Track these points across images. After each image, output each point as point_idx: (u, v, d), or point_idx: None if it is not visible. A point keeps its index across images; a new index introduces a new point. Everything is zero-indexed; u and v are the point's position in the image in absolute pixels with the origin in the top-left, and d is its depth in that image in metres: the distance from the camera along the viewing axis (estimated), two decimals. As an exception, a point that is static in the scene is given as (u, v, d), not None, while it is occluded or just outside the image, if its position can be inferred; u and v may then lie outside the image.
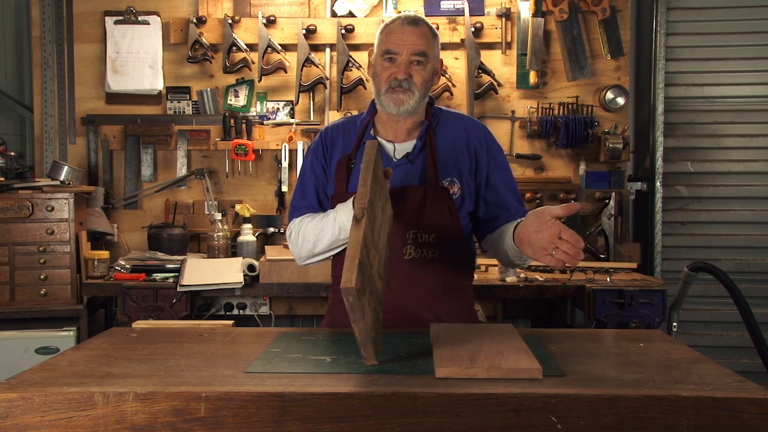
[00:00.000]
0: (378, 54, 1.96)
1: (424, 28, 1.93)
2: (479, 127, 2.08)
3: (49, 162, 3.49)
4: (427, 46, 1.93)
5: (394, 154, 2.01)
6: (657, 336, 1.85)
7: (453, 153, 2.00)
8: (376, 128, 2.05)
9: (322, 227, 1.95)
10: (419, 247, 1.95)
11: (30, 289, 3.08)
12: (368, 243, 1.51)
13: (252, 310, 3.49)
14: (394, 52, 1.91)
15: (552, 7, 3.57)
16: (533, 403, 1.27)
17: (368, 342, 1.44)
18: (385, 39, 1.94)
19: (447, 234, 1.97)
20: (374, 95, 2.01)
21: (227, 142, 3.61)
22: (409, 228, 1.94)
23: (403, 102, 1.92)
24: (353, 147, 2.02)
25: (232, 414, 1.28)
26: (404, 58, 1.91)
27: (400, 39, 1.91)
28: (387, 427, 1.27)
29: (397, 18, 1.96)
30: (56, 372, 1.45)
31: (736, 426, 1.26)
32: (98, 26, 3.69)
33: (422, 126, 2.01)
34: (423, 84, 1.93)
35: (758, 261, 3.74)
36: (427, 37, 1.93)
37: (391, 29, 1.94)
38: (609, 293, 2.90)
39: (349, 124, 2.11)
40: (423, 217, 1.94)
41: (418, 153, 1.99)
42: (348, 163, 2.00)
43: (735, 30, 3.72)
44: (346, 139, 2.06)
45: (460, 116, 2.11)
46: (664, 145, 3.67)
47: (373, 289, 1.52)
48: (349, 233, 1.48)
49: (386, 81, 1.93)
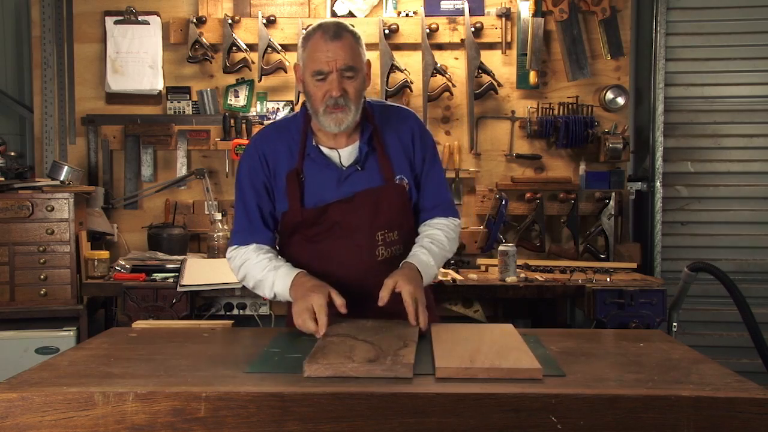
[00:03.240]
0: (307, 74, 1.91)
1: (347, 38, 1.88)
2: (411, 118, 2.09)
3: (49, 162, 3.49)
4: (355, 58, 1.88)
5: (340, 161, 1.98)
6: (657, 336, 1.85)
7: (397, 150, 2.02)
8: (315, 135, 2.00)
9: (261, 280, 1.94)
10: (388, 246, 1.99)
11: (30, 289, 3.08)
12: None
13: (252, 310, 3.48)
14: (324, 71, 1.86)
15: (552, 7, 3.57)
16: (533, 403, 1.27)
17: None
18: (311, 57, 1.88)
19: (405, 229, 2.03)
20: (311, 112, 1.96)
21: (227, 142, 3.61)
22: (377, 229, 1.97)
23: (342, 120, 1.89)
24: (298, 160, 1.98)
25: (232, 414, 1.28)
26: (335, 76, 1.86)
27: (326, 57, 1.85)
28: (387, 427, 1.27)
29: (317, 30, 1.89)
30: (56, 372, 1.45)
31: (736, 426, 1.26)
32: (98, 26, 3.69)
33: (364, 129, 1.99)
34: (357, 95, 1.91)
35: (758, 261, 3.74)
36: (352, 48, 1.88)
37: (315, 47, 1.87)
38: (609, 293, 2.90)
39: (282, 131, 2.04)
40: (386, 216, 1.98)
41: (366, 158, 1.99)
42: (298, 178, 1.97)
43: (735, 30, 3.72)
44: (285, 150, 2.00)
45: (393, 109, 2.10)
46: (664, 145, 3.67)
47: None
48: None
49: (322, 101, 1.89)
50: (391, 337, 1.61)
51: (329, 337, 1.64)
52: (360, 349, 1.50)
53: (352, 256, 1.96)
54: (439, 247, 1.99)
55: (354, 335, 1.64)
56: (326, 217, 1.96)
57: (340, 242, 1.96)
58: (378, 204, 1.96)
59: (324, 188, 1.96)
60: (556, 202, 3.60)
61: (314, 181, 1.97)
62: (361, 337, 1.62)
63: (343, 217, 1.95)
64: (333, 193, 1.96)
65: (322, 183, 1.96)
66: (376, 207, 1.96)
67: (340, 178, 1.96)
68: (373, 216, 1.96)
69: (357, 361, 1.42)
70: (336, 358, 1.44)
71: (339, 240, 1.96)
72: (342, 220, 1.96)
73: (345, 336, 1.63)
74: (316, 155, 1.97)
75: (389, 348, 1.51)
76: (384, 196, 1.97)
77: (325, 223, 1.96)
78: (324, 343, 1.58)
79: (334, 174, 1.96)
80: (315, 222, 1.96)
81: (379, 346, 1.53)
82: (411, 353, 1.48)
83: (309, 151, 1.97)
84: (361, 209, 1.95)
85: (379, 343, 1.55)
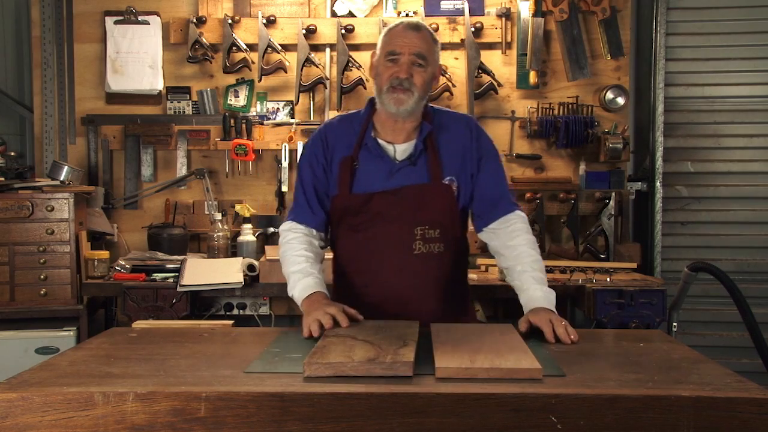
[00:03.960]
0: (381, 55, 2.04)
1: (425, 33, 2.02)
2: (469, 122, 2.17)
3: (49, 162, 3.49)
4: (428, 50, 2.01)
5: (395, 155, 2.07)
6: (657, 336, 1.86)
7: (451, 153, 2.08)
8: (375, 128, 2.10)
9: (288, 275, 2.02)
10: (426, 243, 2.05)
11: (30, 289, 3.08)
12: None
13: (252, 310, 3.48)
14: (397, 52, 1.99)
15: (552, 7, 3.57)
16: (533, 403, 1.27)
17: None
18: (388, 41, 2.02)
19: (449, 229, 2.08)
20: (375, 94, 2.07)
21: (227, 142, 3.61)
22: (417, 224, 2.04)
23: (403, 102, 1.99)
24: (354, 148, 2.07)
25: (232, 414, 1.28)
26: (406, 59, 1.98)
27: (402, 41, 1.99)
28: (387, 427, 1.27)
29: (400, 23, 2.05)
30: (56, 372, 1.45)
31: (736, 426, 1.26)
32: (98, 26, 3.69)
33: (422, 128, 2.07)
34: (422, 85, 2.00)
35: (758, 261, 3.74)
36: (428, 42, 2.02)
37: (394, 32, 2.02)
38: (609, 293, 2.90)
39: (346, 122, 2.15)
40: (428, 213, 2.04)
41: (420, 154, 2.06)
42: (351, 165, 2.06)
43: (735, 30, 3.71)
44: (346, 138, 2.10)
45: (454, 116, 2.19)
46: (664, 145, 3.67)
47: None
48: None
49: (388, 80, 1.99)
50: (391, 337, 1.61)
51: (329, 337, 1.64)
52: (360, 349, 1.51)
53: (389, 247, 2.04)
54: (540, 270, 2.01)
55: (354, 335, 1.64)
56: (370, 205, 2.03)
57: (380, 232, 2.04)
58: (422, 199, 2.03)
59: (374, 178, 2.04)
60: (556, 202, 3.60)
61: (366, 169, 2.05)
62: (360, 336, 1.62)
63: (386, 208, 2.03)
64: (381, 183, 2.04)
65: (373, 173, 2.05)
66: (420, 202, 2.03)
67: (391, 170, 2.04)
68: (415, 210, 2.03)
69: (357, 360, 1.42)
70: (336, 357, 1.44)
71: (379, 230, 2.04)
72: (384, 211, 2.03)
73: (345, 336, 1.64)
74: (372, 145, 2.05)
75: (389, 347, 1.52)
76: (429, 193, 2.04)
77: (369, 212, 2.04)
78: (324, 343, 1.58)
79: (386, 166, 2.05)
80: (359, 210, 2.04)
81: (378, 345, 1.53)
82: (411, 352, 1.48)
83: (366, 140, 2.06)
84: (404, 202, 2.02)
85: (378, 343, 1.56)
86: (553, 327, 1.77)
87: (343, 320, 1.75)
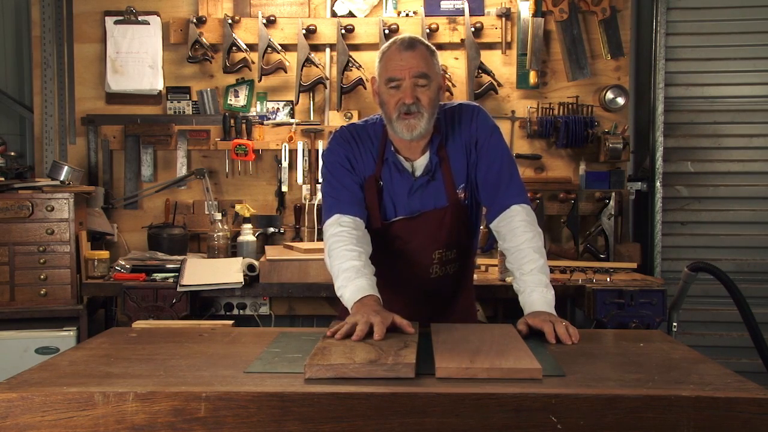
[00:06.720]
0: (381, 83, 1.97)
1: (420, 49, 1.94)
2: (469, 111, 2.08)
3: (49, 162, 3.49)
4: (428, 67, 1.93)
5: (413, 172, 2.04)
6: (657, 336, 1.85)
7: (458, 155, 2.05)
8: (394, 146, 2.04)
9: (336, 275, 1.89)
10: (443, 265, 2.09)
11: (30, 289, 3.08)
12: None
13: (252, 310, 3.49)
14: (397, 78, 1.91)
15: (552, 7, 3.57)
16: (533, 403, 1.27)
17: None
18: (385, 67, 1.95)
19: (465, 247, 2.12)
20: (386, 121, 2.00)
21: (227, 142, 3.61)
22: (435, 248, 2.06)
23: (415, 127, 1.93)
24: (377, 166, 2.03)
25: (232, 414, 1.28)
26: (408, 83, 1.91)
27: (399, 65, 1.91)
28: (387, 427, 1.27)
29: (392, 44, 1.96)
30: (56, 372, 1.45)
31: (736, 426, 1.26)
32: (98, 26, 3.69)
33: (432, 140, 2.02)
34: (430, 104, 1.94)
35: (758, 261, 3.74)
36: (426, 58, 1.94)
37: (389, 56, 1.94)
38: (609, 293, 2.89)
39: (363, 130, 2.08)
40: (446, 236, 2.05)
41: (437, 168, 2.03)
42: (377, 185, 2.03)
43: (735, 30, 3.72)
44: (367, 152, 2.05)
45: (456, 109, 2.10)
46: (664, 145, 3.67)
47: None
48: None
49: (395, 107, 1.93)
50: (392, 338, 1.61)
51: (329, 338, 1.64)
52: (361, 350, 1.50)
53: (407, 269, 2.06)
54: (540, 270, 1.96)
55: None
56: (390, 230, 2.05)
57: (399, 253, 2.06)
58: (440, 225, 2.04)
59: (397, 196, 2.03)
60: (556, 202, 3.60)
61: (389, 188, 2.03)
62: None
63: (406, 234, 2.04)
64: (403, 203, 2.03)
65: (396, 191, 2.03)
66: (438, 228, 2.04)
67: (412, 188, 2.03)
68: (434, 237, 2.04)
69: (358, 362, 1.42)
70: (337, 359, 1.44)
71: (398, 251, 2.06)
72: (404, 236, 2.04)
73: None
74: (394, 159, 2.02)
75: (390, 349, 1.51)
76: (447, 218, 2.04)
77: (388, 236, 2.05)
78: (324, 344, 1.58)
79: (407, 182, 2.03)
80: (380, 232, 2.05)
81: (379, 347, 1.53)
82: (412, 353, 1.47)
83: (387, 155, 2.03)
84: (423, 228, 2.03)
85: (379, 344, 1.55)
86: (553, 327, 1.76)
87: (378, 332, 1.61)
